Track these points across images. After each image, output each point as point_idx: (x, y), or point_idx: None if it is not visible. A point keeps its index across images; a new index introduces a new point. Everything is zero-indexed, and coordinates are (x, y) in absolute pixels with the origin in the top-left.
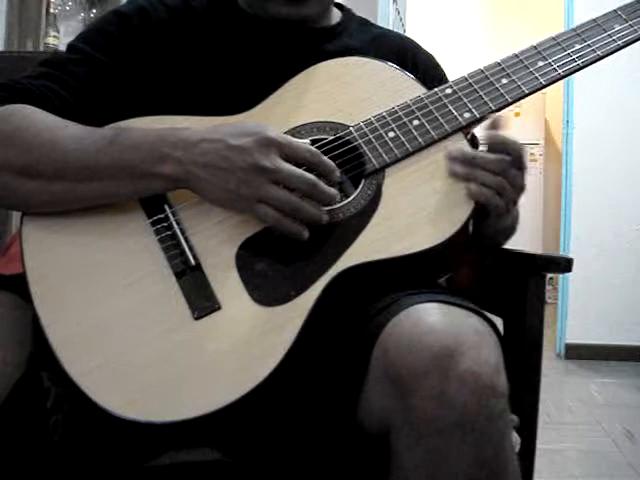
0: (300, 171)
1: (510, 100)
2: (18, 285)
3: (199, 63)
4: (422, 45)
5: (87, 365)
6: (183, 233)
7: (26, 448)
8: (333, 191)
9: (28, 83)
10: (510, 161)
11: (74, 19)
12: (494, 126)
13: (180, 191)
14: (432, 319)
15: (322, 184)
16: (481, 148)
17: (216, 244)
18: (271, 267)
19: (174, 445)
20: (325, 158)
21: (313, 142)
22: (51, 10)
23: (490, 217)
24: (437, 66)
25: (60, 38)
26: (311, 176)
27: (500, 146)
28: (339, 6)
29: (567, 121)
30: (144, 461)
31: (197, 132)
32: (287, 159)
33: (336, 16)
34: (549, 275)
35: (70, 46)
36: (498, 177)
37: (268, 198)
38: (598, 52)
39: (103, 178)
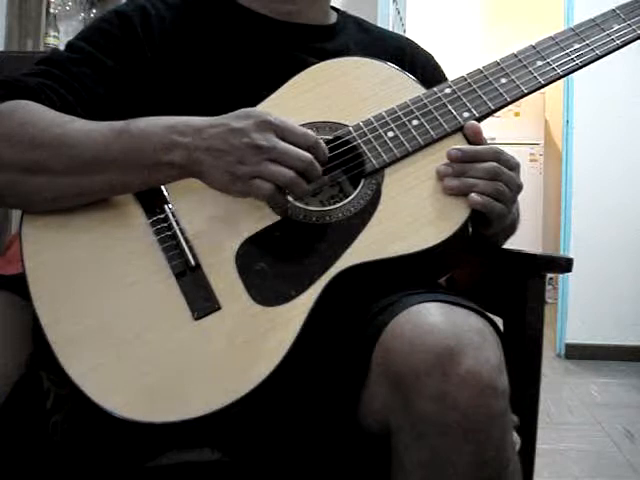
0: (295, 148)
1: (509, 100)
2: (18, 285)
3: (200, 62)
4: (422, 45)
5: (87, 365)
6: (183, 233)
7: (26, 448)
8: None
9: (26, 81)
10: (500, 164)
11: (74, 19)
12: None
13: (180, 191)
14: (433, 319)
15: (316, 162)
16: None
17: (216, 244)
18: (271, 267)
19: (174, 445)
20: (321, 141)
21: None
22: (51, 10)
23: (492, 222)
24: (436, 66)
25: (60, 38)
26: (306, 153)
27: (479, 157)
28: (333, 8)
29: (567, 121)
30: (144, 461)
31: (205, 119)
32: (284, 141)
33: (333, 16)
34: (549, 275)
35: (70, 45)
36: (498, 182)
37: (263, 174)
38: (597, 51)
39: (112, 170)
